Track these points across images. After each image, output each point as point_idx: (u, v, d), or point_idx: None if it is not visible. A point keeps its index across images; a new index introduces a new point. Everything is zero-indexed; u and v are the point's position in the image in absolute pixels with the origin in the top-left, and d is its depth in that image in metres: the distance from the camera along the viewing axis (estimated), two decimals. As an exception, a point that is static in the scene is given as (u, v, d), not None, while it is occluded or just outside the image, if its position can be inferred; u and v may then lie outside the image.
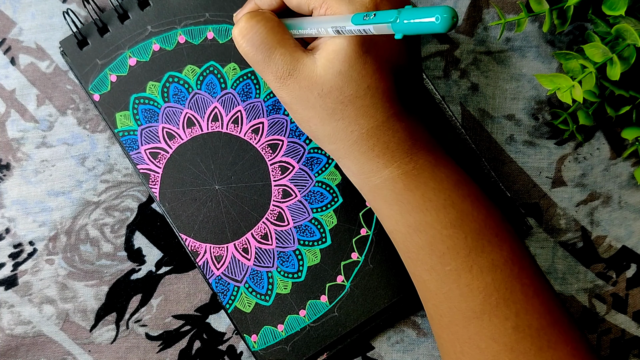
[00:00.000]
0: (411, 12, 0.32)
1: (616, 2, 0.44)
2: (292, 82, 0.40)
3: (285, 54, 0.40)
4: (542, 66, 0.51)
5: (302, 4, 0.40)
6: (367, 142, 0.40)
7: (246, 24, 0.40)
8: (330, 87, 0.39)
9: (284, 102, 0.41)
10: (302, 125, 0.42)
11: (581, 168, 0.52)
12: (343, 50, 0.38)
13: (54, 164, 0.51)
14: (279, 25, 0.41)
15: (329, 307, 0.49)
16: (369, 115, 0.39)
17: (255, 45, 0.40)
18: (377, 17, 0.34)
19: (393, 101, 0.40)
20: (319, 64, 0.39)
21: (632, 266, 0.52)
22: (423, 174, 0.40)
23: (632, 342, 0.52)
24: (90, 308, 0.50)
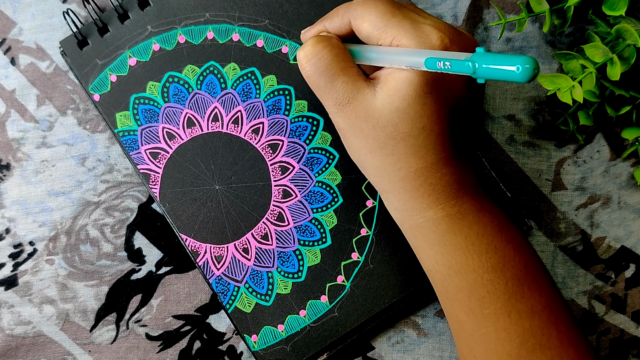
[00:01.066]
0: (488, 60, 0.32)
1: (616, 2, 0.44)
2: (349, 110, 0.40)
3: (347, 82, 0.40)
4: (543, 66, 0.51)
5: (371, 36, 0.40)
6: (414, 182, 0.40)
7: (312, 49, 0.40)
8: (386, 121, 0.39)
9: (338, 128, 0.42)
10: (351, 152, 0.42)
11: (581, 172, 0.52)
12: (404, 88, 0.38)
13: (54, 164, 0.51)
14: (344, 53, 0.41)
15: (329, 307, 0.49)
16: (419, 155, 0.39)
17: (319, 71, 0.40)
18: (452, 67, 0.34)
19: (445, 144, 0.39)
20: (379, 97, 0.39)
21: (631, 266, 0.52)
22: (467, 218, 0.40)
23: (631, 342, 0.52)
24: (90, 308, 0.50)
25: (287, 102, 0.50)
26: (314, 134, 0.50)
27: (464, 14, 0.52)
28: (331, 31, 0.43)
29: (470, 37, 0.40)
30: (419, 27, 0.38)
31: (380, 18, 0.39)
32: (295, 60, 0.50)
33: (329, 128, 0.50)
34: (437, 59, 0.35)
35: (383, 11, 0.39)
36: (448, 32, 0.38)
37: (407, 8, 0.40)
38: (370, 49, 0.40)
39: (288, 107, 0.50)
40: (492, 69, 0.32)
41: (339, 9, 0.42)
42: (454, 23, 0.52)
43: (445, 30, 0.38)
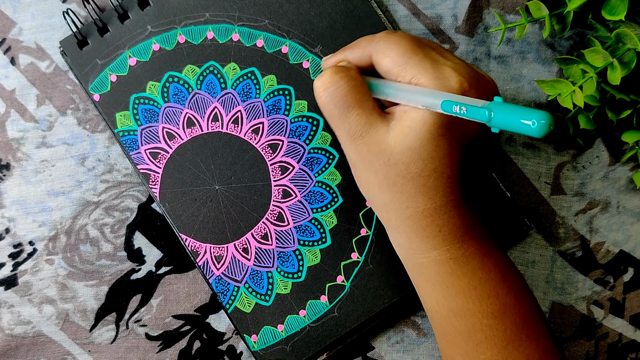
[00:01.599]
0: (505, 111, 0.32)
1: (616, 7, 0.44)
2: (361, 143, 0.40)
3: (362, 115, 0.40)
4: (542, 69, 0.51)
5: (391, 72, 0.40)
6: (420, 222, 0.40)
7: (329, 78, 0.40)
8: (397, 159, 0.38)
9: (349, 159, 0.42)
10: (360, 185, 0.42)
11: (580, 177, 0.52)
12: (419, 128, 0.38)
13: (54, 164, 0.51)
14: (362, 85, 0.41)
15: (329, 307, 0.49)
16: (428, 196, 0.39)
17: (334, 101, 0.40)
18: (468, 112, 0.34)
19: (455, 187, 0.39)
20: (392, 134, 0.39)
21: (630, 270, 0.52)
22: (472, 262, 0.40)
23: (629, 345, 0.52)
24: (90, 308, 0.51)
25: (287, 102, 0.50)
26: (313, 134, 0.50)
27: (463, 14, 0.52)
28: (352, 62, 0.42)
29: (489, 81, 0.40)
30: (439, 68, 0.38)
31: (402, 55, 0.39)
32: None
33: (329, 128, 0.50)
34: (454, 102, 0.35)
35: (405, 48, 0.39)
36: (468, 76, 0.38)
37: (429, 47, 0.40)
38: (388, 84, 0.40)
39: (288, 107, 0.50)
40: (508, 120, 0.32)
41: (361, 41, 0.42)
42: (454, 23, 0.52)
43: (465, 73, 0.38)
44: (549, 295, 0.52)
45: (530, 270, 0.52)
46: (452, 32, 0.52)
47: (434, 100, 0.37)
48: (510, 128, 0.32)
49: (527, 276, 0.52)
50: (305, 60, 0.50)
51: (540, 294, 0.52)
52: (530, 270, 0.52)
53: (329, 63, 0.44)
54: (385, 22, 0.50)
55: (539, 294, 0.52)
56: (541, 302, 0.52)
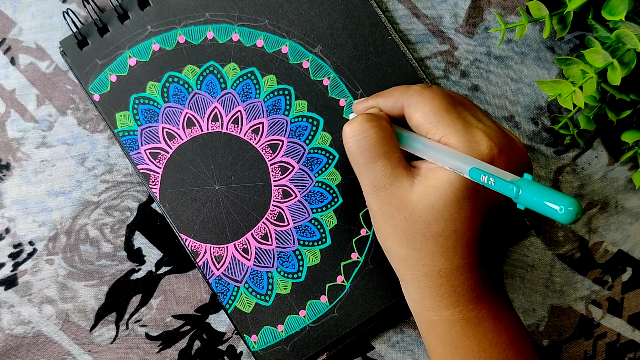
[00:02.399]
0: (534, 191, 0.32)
1: (616, 7, 0.44)
2: (384, 195, 0.39)
3: (387, 166, 0.39)
4: (542, 71, 0.51)
5: (421, 127, 0.39)
6: (436, 280, 0.40)
7: (359, 126, 0.40)
8: (419, 216, 0.38)
9: (370, 208, 0.41)
10: (379, 236, 0.42)
11: (579, 179, 0.52)
12: (444, 188, 0.38)
13: (54, 164, 0.51)
14: (390, 137, 0.40)
15: (329, 308, 0.49)
16: (446, 256, 0.39)
17: (361, 149, 0.40)
18: (495, 185, 0.34)
19: (474, 249, 0.39)
20: (416, 190, 0.39)
21: (628, 270, 0.52)
22: (483, 324, 0.40)
23: (627, 345, 0.52)
24: (90, 308, 0.51)
25: (287, 102, 0.50)
26: (313, 134, 0.50)
27: (464, 14, 0.52)
28: (383, 110, 0.42)
29: (520, 147, 0.40)
30: (471, 131, 0.38)
31: (434, 112, 0.39)
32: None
33: (329, 128, 0.50)
34: (482, 172, 0.35)
35: (438, 106, 0.39)
36: (498, 142, 0.38)
37: (462, 105, 0.40)
38: (417, 139, 0.40)
39: (288, 107, 0.50)
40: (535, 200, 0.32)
41: (395, 90, 0.42)
42: (454, 23, 0.52)
43: (496, 138, 0.38)
44: (548, 300, 0.52)
45: (529, 275, 0.52)
46: (452, 33, 0.52)
47: (463, 165, 0.37)
48: (536, 208, 0.32)
49: (526, 280, 0.52)
50: (305, 60, 0.50)
51: (539, 298, 0.52)
52: (529, 275, 0.52)
53: (361, 108, 0.44)
54: (385, 22, 0.50)
55: (538, 298, 0.52)
56: (540, 307, 0.52)
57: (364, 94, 0.50)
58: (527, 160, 0.40)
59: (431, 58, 0.52)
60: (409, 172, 0.39)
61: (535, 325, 0.52)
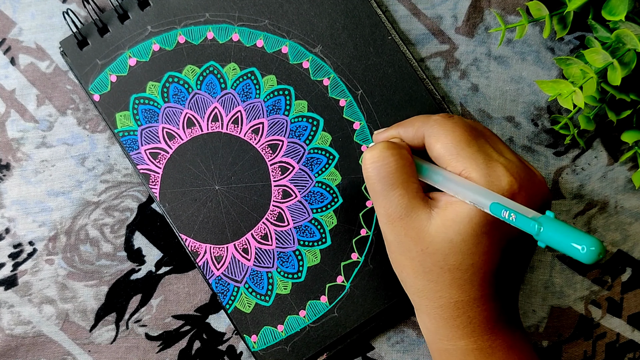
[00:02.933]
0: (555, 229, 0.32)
1: (616, 7, 0.44)
2: (400, 225, 0.39)
3: (404, 196, 0.39)
4: (542, 72, 0.51)
5: (442, 159, 0.39)
6: (452, 312, 0.39)
7: (379, 153, 0.40)
8: (436, 249, 0.38)
9: (385, 239, 0.41)
10: (394, 266, 0.42)
11: (579, 180, 0.52)
12: (463, 222, 0.38)
13: (54, 164, 0.51)
14: (410, 166, 0.40)
15: (329, 308, 0.49)
16: (463, 289, 0.39)
17: (379, 176, 0.40)
18: (517, 221, 0.34)
19: (491, 282, 0.39)
20: (434, 223, 0.38)
21: (627, 270, 0.52)
22: (497, 354, 0.40)
23: (626, 345, 0.52)
24: (90, 308, 0.51)
25: (287, 102, 0.50)
26: (313, 134, 0.50)
27: (464, 14, 0.52)
28: (404, 140, 0.42)
29: (540, 181, 0.40)
30: (492, 165, 0.38)
31: (455, 144, 0.39)
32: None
33: (329, 128, 0.50)
34: (504, 207, 0.35)
35: (459, 138, 0.39)
36: (519, 177, 0.38)
37: (484, 137, 0.40)
38: (437, 171, 0.40)
39: (288, 107, 0.50)
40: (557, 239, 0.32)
41: (416, 120, 0.42)
42: (454, 24, 0.52)
43: (517, 174, 0.38)
44: (548, 301, 0.52)
45: (529, 276, 0.52)
46: (452, 33, 0.52)
47: (484, 200, 0.36)
48: (557, 246, 0.32)
49: (526, 282, 0.52)
50: (305, 60, 0.50)
51: (539, 299, 0.52)
52: (529, 276, 0.52)
53: (381, 137, 0.44)
54: (385, 22, 0.50)
55: (537, 300, 0.52)
56: (540, 308, 0.52)
57: (364, 94, 0.50)
58: (547, 194, 0.40)
59: (431, 58, 0.52)
60: (426, 204, 0.39)
61: (535, 326, 0.52)
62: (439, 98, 0.50)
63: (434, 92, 0.50)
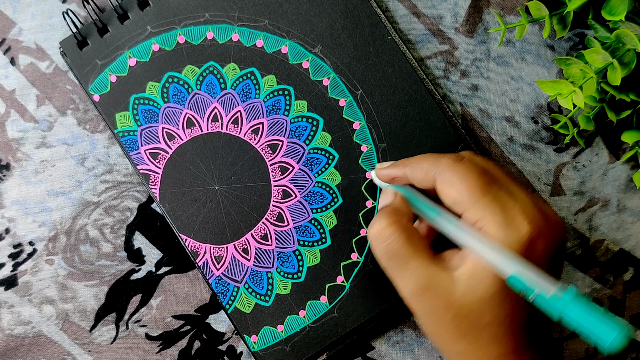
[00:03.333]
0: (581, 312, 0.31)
1: (616, 7, 0.44)
2: (425, 298, 0.38)
3: (420, 267, 0.38)
4: (542, 70, 0.51)
5: (455, 206, 0.39)
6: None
7: (383, 231, 0.39)
8: (469, 311, 0.37)
9: (413, 313, 0.40)
10: (429, 337, 0.41)
11: (580, 176, 0.52)
12: (489, 280, 0.37)
13: (54, 164, 0.51)
14: (415, 236, 0.39)
15: (329, 308, 0.49)
16: (502, 342, 0.38)
17: (389, 254, 0.39)
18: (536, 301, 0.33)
19: (526, 331, 0.38)
20: (459, 285, 0.37)
21: (630, 269, 0.52)
22: None
23: (629, 345, 0.52)
24: (90, 308, 0.51)
25: (287, 102, 0.50)
26: (313, 134, 0.50)
27: (464, 14, 0.52)
28: (411, 181, 0.42)
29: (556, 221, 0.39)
30: (509, 215, 0.37)
31: (471, 193, 0.38)
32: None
33: (329, 128, 0.50)
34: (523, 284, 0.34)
35: (474, 185, 0.38)
36: (536, 223, 0.37)
37: (497, 184, 0.39)
38: (451, 221, 0.39)
39: (288, 107, 0.50)
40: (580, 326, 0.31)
41: (424, 161, 0.41)
42: (454, 23, 0.52)
43: (535, 219, 0.37)
44: (549, 296, 0.52)
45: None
46: (452, 32, 0.52)
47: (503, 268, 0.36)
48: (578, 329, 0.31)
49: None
50: (305, 60, 0.50)
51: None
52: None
53: (384, 175, 0.44)
54: (385, 22, 0.50)
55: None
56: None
57: (364, 94, 0.50)
58: (564, 236, 0.39)
59: (431, 58, 0.52)
60: (444, 267, 0.38)
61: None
62: (439, 98, 0.50)
63: (433, 92, 0.50)
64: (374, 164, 0.50)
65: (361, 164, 0.50)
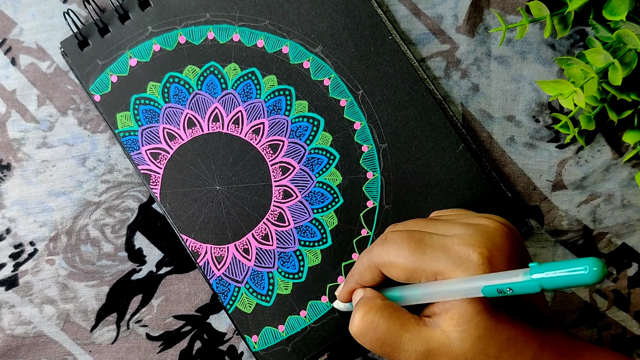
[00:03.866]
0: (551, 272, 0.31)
1: (617, 7, 0.44)
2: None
3: (413, 338, 0.38)
4: (543, 69, 0.51)
5: (409, 279, 0.39)
6: None
7: (364, 323, 0.39)
8: (474, 353, 0.37)
9: None
10: None
11: (582, 171, 0.52)
12: (473, 316, 0.37)
13: (55, 164, 0.51)
14: (395, 310, 0.39)
15: (330, 308, 0.49)
16: (521, 358, 0.38)
17: (379, 342, 0.39)
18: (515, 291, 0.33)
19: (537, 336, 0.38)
20: (453, 337, 0.37)
21: (634, 265, 0.52)
22: None
23: (634, 340, 0.52)
24: (90, 308, 0.51)
25: (288, 102, 0.50)
26: (314, 134, 0.50)
27: (464, 14, 0.52)
28: (364, 285, 0.42)
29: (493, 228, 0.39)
30: (453, 252, 0.37)
31: (411, 259, 0.38)
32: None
33: (330, 128, 0.50)
34: (495, 286, 0.34)
35: (409, 252, 0.38)
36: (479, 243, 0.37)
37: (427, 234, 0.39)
38: (413, 289, 0.39)
39: (289, 107, 0.50)
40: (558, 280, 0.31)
41: (362, 260, 0.41)
42: (455, 23, 0.52)
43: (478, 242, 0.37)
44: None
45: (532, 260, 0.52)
46: (452, 32, 0.52)
47: (472, 287, 0.35)
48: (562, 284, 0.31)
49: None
50: (306, 61, 0.50)
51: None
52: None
53: (344, 294, 0.44)
54: (385, 22, 0.50)
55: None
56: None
57: (365, 94, 0.50)
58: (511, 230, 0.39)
59: (432, 58, 0.52)
60: (432, 326, 0.38)
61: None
62: (439, 98, 0.50)
63: (434, 92, 0.50)
64: (375, 164, 0.50)
65: (362, 164, 0.50)
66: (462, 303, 0.37)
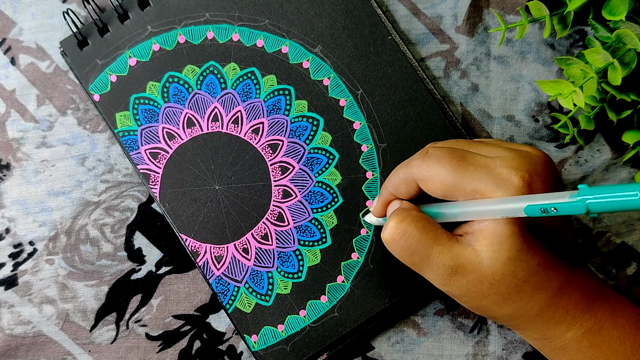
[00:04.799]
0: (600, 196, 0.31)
1: (616, 7, 0.44)
2: (458, 278, 0.38)
3: (443, 251, 0.38)
4: (542, 68, 0.51)
5: (447, 195, 0.39)
6: (548, 312, 0.39)
7: (397, 229, 0.39)
8: (502, 274, 0.38)
9: (452, 296, 0.40)
10: (476, 311, 0.41)
11: (582, 171, 0.52)
12: (508, 237, 0.37)
13: (54, 164, 0.51)
14: (429, 223, 0.39)
15: (329, 308, 0.49)
16: (545, 288, 0.38)
17: (410, 250, 0.39)
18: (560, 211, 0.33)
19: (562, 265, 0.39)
20: (484, 255, 0.38)
21: (633, 264, 0.52)
22: (605, 326, 0.39)
23: None
24: (90, 308, 0.51)
25: (287, 102, 0.50)
26: (314, 134, 0.50)
27: (464, 14, 0.52)
28: (400, 197, 0.42)
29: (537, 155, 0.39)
30: (495, 172, 0.37)
31: (452, 176, 0.38)
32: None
33: (329, 128, 0.50)
34: (539, 205, 0.34)
35: (450, 168, 0.38)
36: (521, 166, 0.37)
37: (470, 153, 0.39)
38: (452, 207, 0.39)
39: (288, 107, 0.50)
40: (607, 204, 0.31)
41: (398, 173, 0.41)
42: (454, 23, 0.52)
43: (518, 164, 0.37)
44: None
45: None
46: (452, 32, 0.52)
47: (515, 206, 0.35)
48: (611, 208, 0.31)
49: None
50: (306, 60, 0.50)
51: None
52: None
53: (379, 207, 0.44)
54: (385, 22, 0.50)
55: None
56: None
57: (364, 94, 0.50)
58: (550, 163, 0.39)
59: (431, 58, 0.52)
60: (464, 244, 0.39)
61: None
62: (439, 98, 0.50)
63: (434, 91, 0.50)
64: (375, 164, 0.50)
65: (361, 164, 0.50)
66: (497, 224, 0.37)
